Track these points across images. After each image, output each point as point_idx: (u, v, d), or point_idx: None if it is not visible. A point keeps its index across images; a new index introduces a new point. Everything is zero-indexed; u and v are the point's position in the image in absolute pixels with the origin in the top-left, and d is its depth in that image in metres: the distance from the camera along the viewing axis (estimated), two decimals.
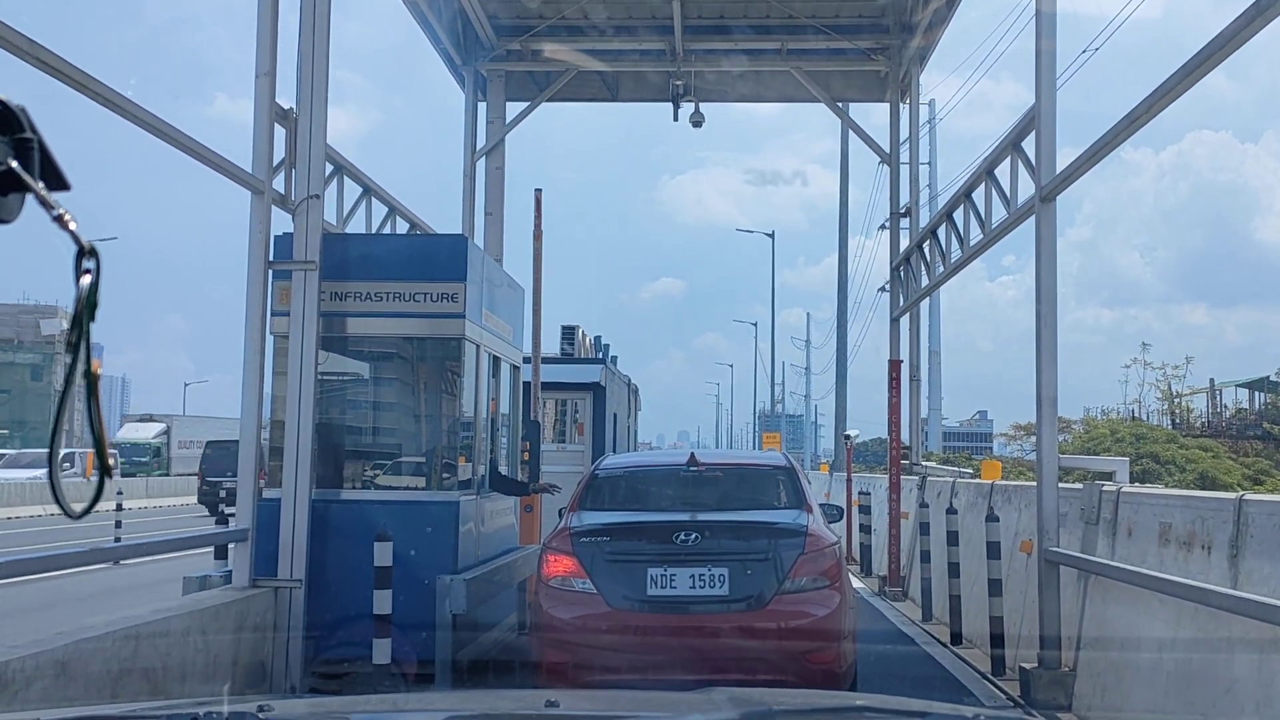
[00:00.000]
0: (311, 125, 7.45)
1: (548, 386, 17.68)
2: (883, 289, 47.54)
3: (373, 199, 9.78)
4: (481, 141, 13.92)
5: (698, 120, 14.66)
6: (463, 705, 2.69)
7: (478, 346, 8.14)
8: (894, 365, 12.84)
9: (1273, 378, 47.80)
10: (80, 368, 1.26)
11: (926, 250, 11.70)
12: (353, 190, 9.49)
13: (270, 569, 7.04)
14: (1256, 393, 48.77)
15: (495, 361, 8.91)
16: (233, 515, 7.60)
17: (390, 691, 6.25)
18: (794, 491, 6.98)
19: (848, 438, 18.23)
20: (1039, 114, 7.31)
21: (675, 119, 14.65)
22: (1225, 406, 49.92)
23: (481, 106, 14.18)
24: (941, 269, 10.99)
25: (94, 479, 1.35)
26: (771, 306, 62.15)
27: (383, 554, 6.53)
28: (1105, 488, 6.69)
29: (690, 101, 14.60)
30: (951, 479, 11.43)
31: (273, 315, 7.33)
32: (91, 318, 1.26)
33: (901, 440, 12.98)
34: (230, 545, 7.29)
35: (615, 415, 19.84)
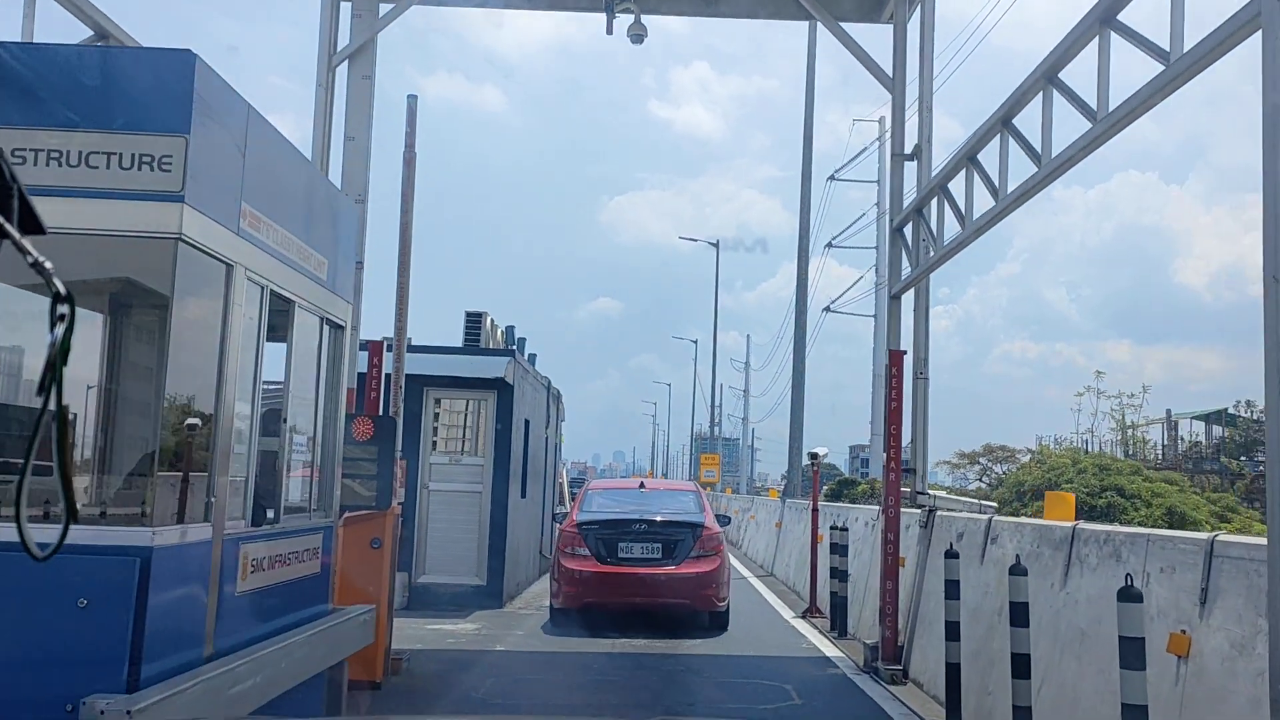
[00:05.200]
0: None
1: (438, 382, 13.93)
2: (827, 309, 43.72)
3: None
4: (344, 42, 10.27)
5: (637, 34, 11.15)
6: None
7: (230, 268, 4.54)
8: (895, 357, 9.43)
9: (1230, 410, 45.80)
10: (51, 409, 1.27)
11: (951, 195, 8.32)
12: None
13: None
14: (1213, 425, 46.72)
15: (287, 307, 5.33)
16: None
17: None
18: (698, 504, 13.14)
19: (814, 456, 14.48)
20: None
21: (609, 31, 11.14)
22: (1181, 439, 47.83)
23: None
24: (976, 215, 7.62)
25: None
26: (714, 318, 59.32)
27: None
28: None
29: (629, 11, 11.16)
30: (987, 516, 7.98)
31: None
32: (64, 362, 1.26)
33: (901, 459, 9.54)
34: None
35: (528, 422, 15.92)
